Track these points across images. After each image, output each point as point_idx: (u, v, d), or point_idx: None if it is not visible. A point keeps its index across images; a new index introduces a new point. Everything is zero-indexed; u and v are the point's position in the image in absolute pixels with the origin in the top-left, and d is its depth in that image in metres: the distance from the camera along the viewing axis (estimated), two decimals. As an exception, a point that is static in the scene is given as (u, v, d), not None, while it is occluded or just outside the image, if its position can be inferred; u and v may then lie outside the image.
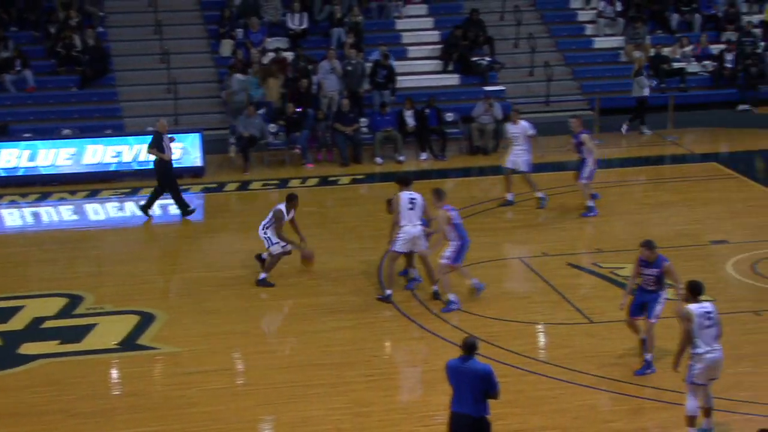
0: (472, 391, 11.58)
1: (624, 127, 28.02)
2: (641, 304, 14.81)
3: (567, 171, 23.59)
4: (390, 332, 16.75)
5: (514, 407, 13.71)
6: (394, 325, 16.89)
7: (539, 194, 22.16)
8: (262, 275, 18.32)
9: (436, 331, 16.42)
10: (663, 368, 14.45)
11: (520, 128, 22.04)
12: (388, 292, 17.38)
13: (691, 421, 12.84)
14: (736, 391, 13.92)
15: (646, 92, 28.14)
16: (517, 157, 22.03)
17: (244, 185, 24.88)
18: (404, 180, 17.80)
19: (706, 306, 12.81)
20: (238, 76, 27.61)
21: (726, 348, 12.97)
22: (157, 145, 22.16)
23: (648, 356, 14.78)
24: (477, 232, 20.63)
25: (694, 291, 12.92)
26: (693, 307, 12.75)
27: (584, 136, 21.21)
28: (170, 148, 22.42)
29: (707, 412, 12.95)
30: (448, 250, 16.94)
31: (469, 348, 11.72)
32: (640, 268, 14.75)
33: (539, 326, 16.87)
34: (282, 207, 18.28)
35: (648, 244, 14.72)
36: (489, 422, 11.67)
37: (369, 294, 17.94)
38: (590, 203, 21.29)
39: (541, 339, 16.64)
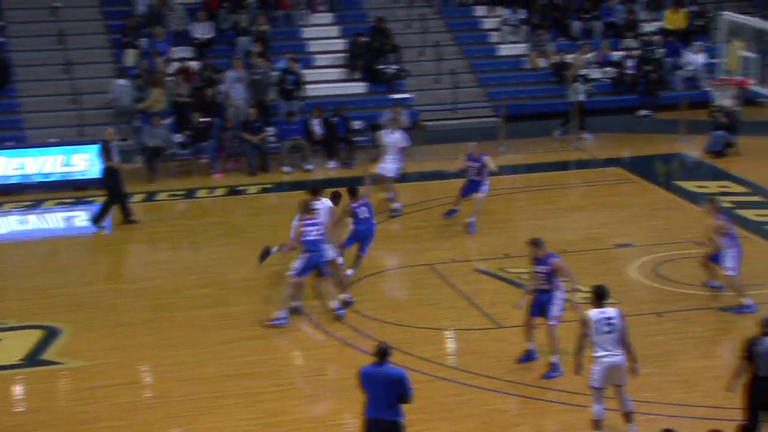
0: (387, 396, 11.72)
1: (557, 133, 28.37)
2: (540, 305, 15.01)
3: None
4: (300, 341, 16.73)
5: (424, 413, 13.77)
6: (304, 335, 16.87)
7: (397, 205, 22.49)
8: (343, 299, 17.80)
9: (346, 339, 16.44)
10: (568, 370, 14.64)
11: (394, 138, 22.39)
12: (295, 303, 17.33)
13: (596, 424, 13.02)
14: (641, 392, 14.15)
15: (582, 97, 28.62)
16: (387, 164, 22.37)
17: (150, 196, 24.64)
18: (315, 190, 17.87)
19: (608, 311, 12.98)
20: (120, 81, 27.46)
21: (630, 350, 13.18)
22: (106, 154, 21.94)
23: (553, 359, 14.98)
24: (385, 239, 20.69)
25: (599, 296, 13.11)
26: (592, 313, 12.95)
27: (486, 158, 21.29)
28: (118, 155, 22.28)
29: (627, 417, 13.13)
30: (298, 262, 16.93)
31: (382, 354, 11.86)
32: (533, 266, 14.98)
33: (448, 332, 16.99)
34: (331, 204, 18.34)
35: (534, 242, 14.96)
36: (404, 426, 11.79)
37: (278, 304, 17.89)
38: (473, 219, 21.25)
39: (450, 345, 16.76)
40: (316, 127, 26.62)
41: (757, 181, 23.95)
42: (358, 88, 29.88)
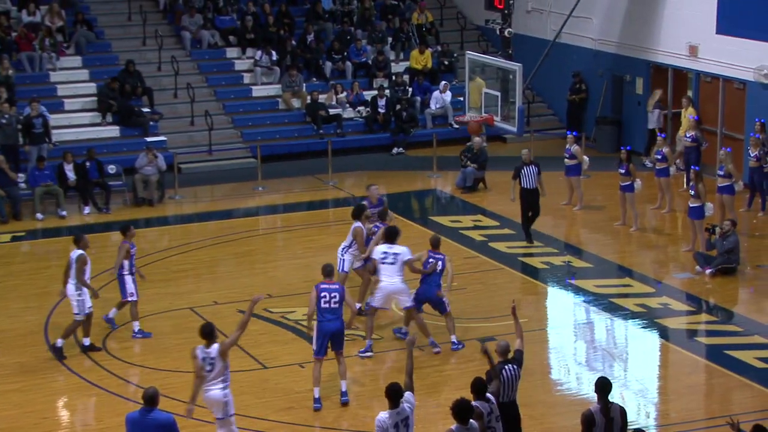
0: (154, 442, 11.59)
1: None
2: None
3: (233, 219, 23.97)
4: (61, 392, 16.31)
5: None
6: (65, 385, 16.45)
7: None
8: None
9: (109, 388, 16.13)
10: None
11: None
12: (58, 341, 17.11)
13: None
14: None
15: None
16: None
17: None
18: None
19: (211, 350, 13.60)
20: None
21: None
22: None
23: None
24: (146, 284, 20.39)
25: (206, 334, 13.59)
26: (198, 350, 13.66)
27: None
28: None
29: None
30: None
31: (150, 399, 11.78)
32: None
33: (214, 375, 16.86)
34: (359, 224, 18.56)
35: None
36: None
37: (36, 355, 17.38)
38: None
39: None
40: (69, 172, 26.00)
41: (505, 214, 24.83)
42: (111, 131, 29.41)
